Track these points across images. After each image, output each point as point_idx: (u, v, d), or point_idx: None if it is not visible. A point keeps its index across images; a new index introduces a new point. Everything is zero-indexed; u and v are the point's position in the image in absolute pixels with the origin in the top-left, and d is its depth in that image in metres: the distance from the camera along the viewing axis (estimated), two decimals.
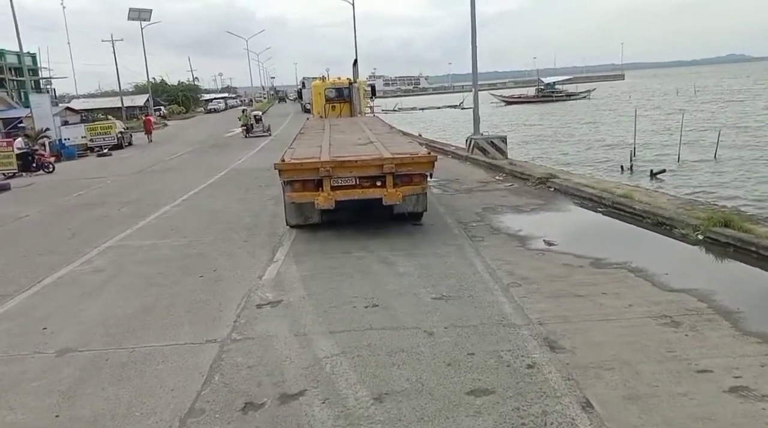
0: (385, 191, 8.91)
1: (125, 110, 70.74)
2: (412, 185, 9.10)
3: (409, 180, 9.07)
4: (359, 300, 6.58)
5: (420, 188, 9.21)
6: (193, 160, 23.74)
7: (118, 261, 8.94)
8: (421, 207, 9.77)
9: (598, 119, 43.20)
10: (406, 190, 9.05)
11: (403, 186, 9.02)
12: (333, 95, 21.37)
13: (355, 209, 10.11)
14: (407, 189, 9.08)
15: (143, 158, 25.87)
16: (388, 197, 8.90)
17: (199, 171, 19.28)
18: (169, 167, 21.66)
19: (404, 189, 9.02)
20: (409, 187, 9.10)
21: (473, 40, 18.11)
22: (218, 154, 25.23)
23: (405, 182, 9.04)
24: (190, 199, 14.14)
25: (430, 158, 9.14)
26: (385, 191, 8.90)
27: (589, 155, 24.66)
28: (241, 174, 18.07)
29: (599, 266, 7.48)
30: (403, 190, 8.99)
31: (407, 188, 9.07)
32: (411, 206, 9.64)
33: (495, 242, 8.83)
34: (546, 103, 70.64)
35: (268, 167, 18.70)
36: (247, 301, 6.79)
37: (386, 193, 8.89)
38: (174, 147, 30.46)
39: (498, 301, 6.39)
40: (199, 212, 12.49)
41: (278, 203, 12.60)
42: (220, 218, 11.62)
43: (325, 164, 8.88)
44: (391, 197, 8.90)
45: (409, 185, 9.08)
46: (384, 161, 8.88)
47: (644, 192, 11.18)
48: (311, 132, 14.48)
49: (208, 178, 17.38)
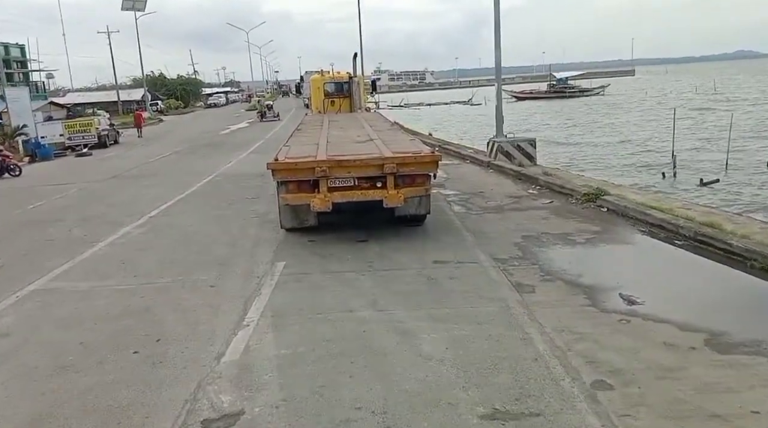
0: (386, 192, 8.40)
1: (121, 104, 68.78)
2: (414, 187, 8.59)
3: (412, 181, 8.56)
4: (363, 418, 4.16)
5: (423, 190, 8.72)
6: (178, 162, 21.30)
7: (34, 319, 6.53)
8: (424, 209, 9.16)
9: (620, 118, 40.60)
10: (408, 191, 8.54)
11: (405, 187, 8.52)
12: (332, 90, 20.62)
13: (354, 211, 9.56)
14: (409, 191, 8.56)
15: (125, 159, 23.45)
16: (389, 199, 8.39)
17: (181, 176, 16.86)
18: (149, 170, 19.22)
19: (406, 191, 8.51)
20: (412, 188, 8.57)
21: (497, 34, 15.61)
22: (208, 155, 22.80)
23: (407, 183, 8.54)
24: (160, 215, 11.71)
25: (434, 158, 8.66)
26: (386, 193, 8.39)
27: (622, 158, 22.11)
28: (228, 181, 15.65)
29: (721, 347, 5.04)
30: (405, 191, 8.49)
31: (409, 189, 8.56)
32: (413, 208, 9.03)
33: (552, 297, 6.38)
34: (559, 99, 68.00)
35: (260, 173, 16.42)
36: (189, 413, 4.36)
37: (387, 195, 8.38)
38: (162, 146, 28.05)
39: (587, 425, 3.95)
40: (165, 235, 10.08)
41: (264, 224, 10.28)
42: (189, 246, 9.21)
43: (321, 164, 8.33)
44: (392, 199, 8.39)
45: (411, 186, 8.56)
46: (385, 161, 8.37)
47: (729, 218, 8.68)
48: (309, 128, 13.77)
49: (189, 186, 14.97)
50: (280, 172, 8.50)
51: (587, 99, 67.21)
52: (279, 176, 8.55)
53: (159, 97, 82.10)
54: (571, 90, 72.10)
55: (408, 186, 8.53)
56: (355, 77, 21.24)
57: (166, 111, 72.63)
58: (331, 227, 9.42)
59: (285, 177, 8.54)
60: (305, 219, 9.08)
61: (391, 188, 8.38)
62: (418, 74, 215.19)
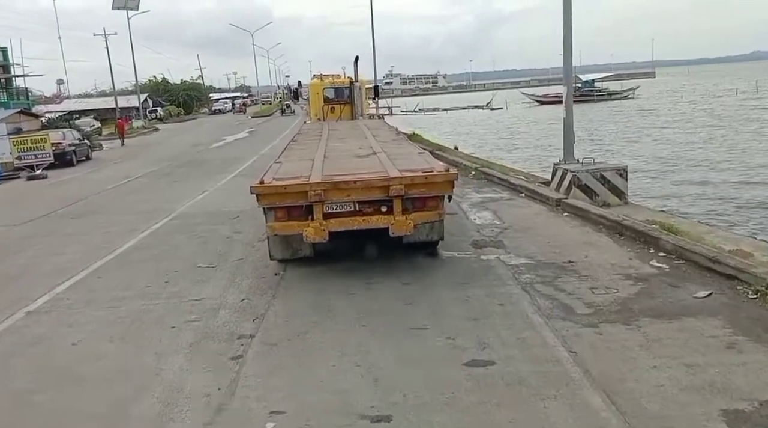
0: (392, 218, 7.14)
1: (119, 111, 64.76)
2: (425, 211, 7.37)
3: (423, 205, 7.37)
4: None
5: (436, 214, 7.45)
6: (141, 190, 16.64)
7: None
8: (437, 235, 7.89)
9: (672, 126, 35.21)
10: (418, 217, 7.31)
11: (415, 212, 7.31)
12: (332, 96, 19.47)
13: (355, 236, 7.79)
14: (420, 216, 7.34)
15: (82, 183, 18.93)
16: (396, 227, 7.12)
17: (126, 218, 12.32)
18: (93, 206, 14.51)
19: (416, 216, 7.29)
20: (423, 213, 7.35)
21: (566, 29, 11.06)
22: (184, 177, 18.27)
23: (417, 207, 7.35)
24: (33, 318, 7.08)
25: (449, 177, 7.37)
26: (392, 219, 7.14)
27: (724, 189, 16.54)
28: (184, 228, 11.07)
29: None
30: (414, 217, 7.25)
31: (420, 214, 7.34)
32: (424, 234, 7.73)
33: None
34: (586, 102, 62.88)
35: (237, 210, 11.89)
36: None
37: (393, 221, 7.12)
38: (137, 164, 23.60)
39: None
40: (17, 373, 5.47)
41: (204, 341, 5.67)
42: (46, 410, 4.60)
43: (315, 187, 7.06)
44: (399, 227, 7.11)
45: (422, 210, 7.35)
46: (391, 182, 7.10)
47: None
48: (305, 139, 12.67)
49: (127, 237, 10.45)
50: (266, 197, 7.23)
51: (617, 103, 62.16)
52: (265, 202, 7.28)
53: (161, 103, 78.12)
54: (599, 93, 66.94)
55: (418, 210, 7.38)
56: (357, 82, 20.00)
57: (165, 118, 68.46)
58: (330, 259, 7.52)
59: (272, 203, 7.27)
60: (299, 249, 7.74)
61: (399, 213, 7.19)
62: (430, 78, 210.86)
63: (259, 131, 40.12)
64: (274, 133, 33.73)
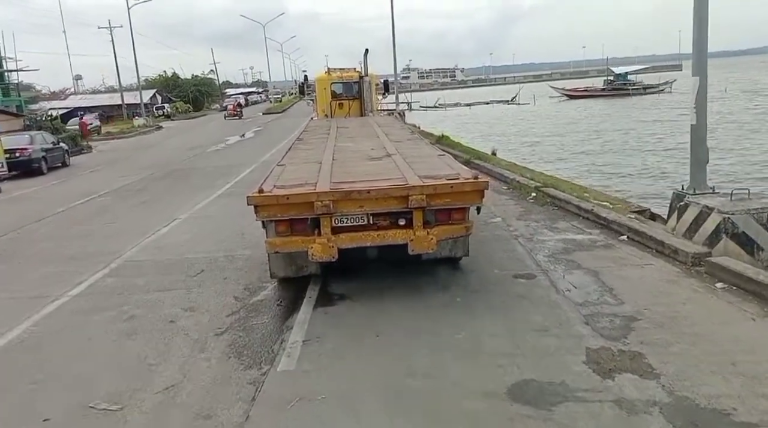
0: (412, 233, 6.09)
1: (126, 108, 61.50)
2: (450, 225, 6.30)
3: (447, 217, 6.31)
4: None
5: (462, 229, 6.36)
6: (88, 219, 12.45)
7: None
8: (461, 251, 6.95)
9: (746, 127, 30.43)
10: (442, 232, 6.22)
11: (438, 226, 6.24)
12: (340, 91, 18.56)
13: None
14: (444, 230, 6.25)
15: (25, 206, 14.99)
16: (416, 244, 6.08)
17: (41, 271, 8.56)
18: (10, 246, 10.65)
19: (439, 231, 6.20)
20: (447, 227, 6.28)
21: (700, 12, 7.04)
22: (155, 198, 14.47)
23: (441, 221, 6.31)
24: None
25: (478, 186, 6.22)
26: (412, 235, 6.10)
27: None
28: (112, 300, 7.27)
29: None
30: (437, 232, 6.17)
31: (443, 228, 6.25)
32: (446, 250, 6.75)
33: None
34: (620, 97, 58.49)
35: (207, 257, 8.19)
36: None
37: (413, 237, 6.08)
38: (114, 173, 19.91)
39: None
40: None
41: None
42: None
43: (323, 196, 6.02)
44: (420, 244, 6.08)
45: (446, 224, 6.29)
46: (410, 191, 6.01)
47: None
48: (312, 138, 11.26)
49: (5, 325, 6.68)
50: (266, 208, 6.02)
51: (654, 97, 57.53)
52: (264, 214, 6.08)
53: (171, 98, 74.72)
54: (633, 87, 62.34)
55: (442, 224, 6.25)
56: (366, 77, 18.73)
57: (173, 115, 65.03)
58: None
59: (273, 215, 6.05)
60: (303, 266, 6.71)
61: (419, 227, 6.05)
62: (448, 72, 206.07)
63: (267, 130, 36.38)
64: (282, 133, 29.86)
